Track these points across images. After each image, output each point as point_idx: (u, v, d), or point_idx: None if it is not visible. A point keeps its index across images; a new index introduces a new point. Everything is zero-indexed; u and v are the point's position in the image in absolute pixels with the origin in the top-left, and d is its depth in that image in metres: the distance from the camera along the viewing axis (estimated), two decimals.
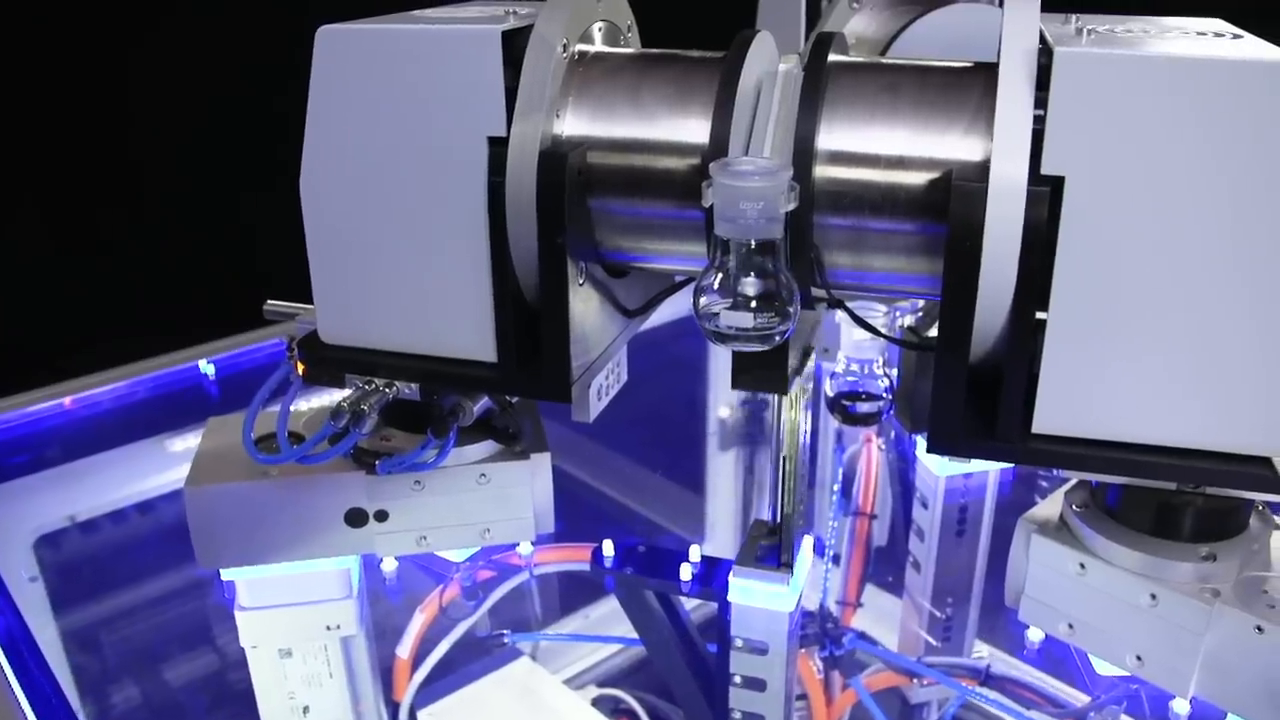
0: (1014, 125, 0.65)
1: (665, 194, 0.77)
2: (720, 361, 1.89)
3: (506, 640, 1.12)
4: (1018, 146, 0.65)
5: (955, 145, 0.70)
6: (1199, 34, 0.70)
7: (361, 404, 0.83)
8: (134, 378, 1.52)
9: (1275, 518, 0.82)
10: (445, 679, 1.32)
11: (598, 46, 0.82)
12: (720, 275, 0.69)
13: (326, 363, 0.84)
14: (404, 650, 1.13)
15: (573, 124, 0.77)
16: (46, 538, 1.40)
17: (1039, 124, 0.65)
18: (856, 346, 1.06)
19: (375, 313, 0.81)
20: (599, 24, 0.83)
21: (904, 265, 0.74)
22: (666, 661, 1.00)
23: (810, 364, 0.87)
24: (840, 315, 1.04)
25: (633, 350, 0.92)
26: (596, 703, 1.60)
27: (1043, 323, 0.68)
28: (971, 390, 0.70)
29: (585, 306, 0.80)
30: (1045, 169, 0.65)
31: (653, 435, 2.05)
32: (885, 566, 1.50)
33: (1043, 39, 0.67)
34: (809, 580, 0.99)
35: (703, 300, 0.70)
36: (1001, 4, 1.15)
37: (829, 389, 1.08)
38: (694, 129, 0.75)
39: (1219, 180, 0.63)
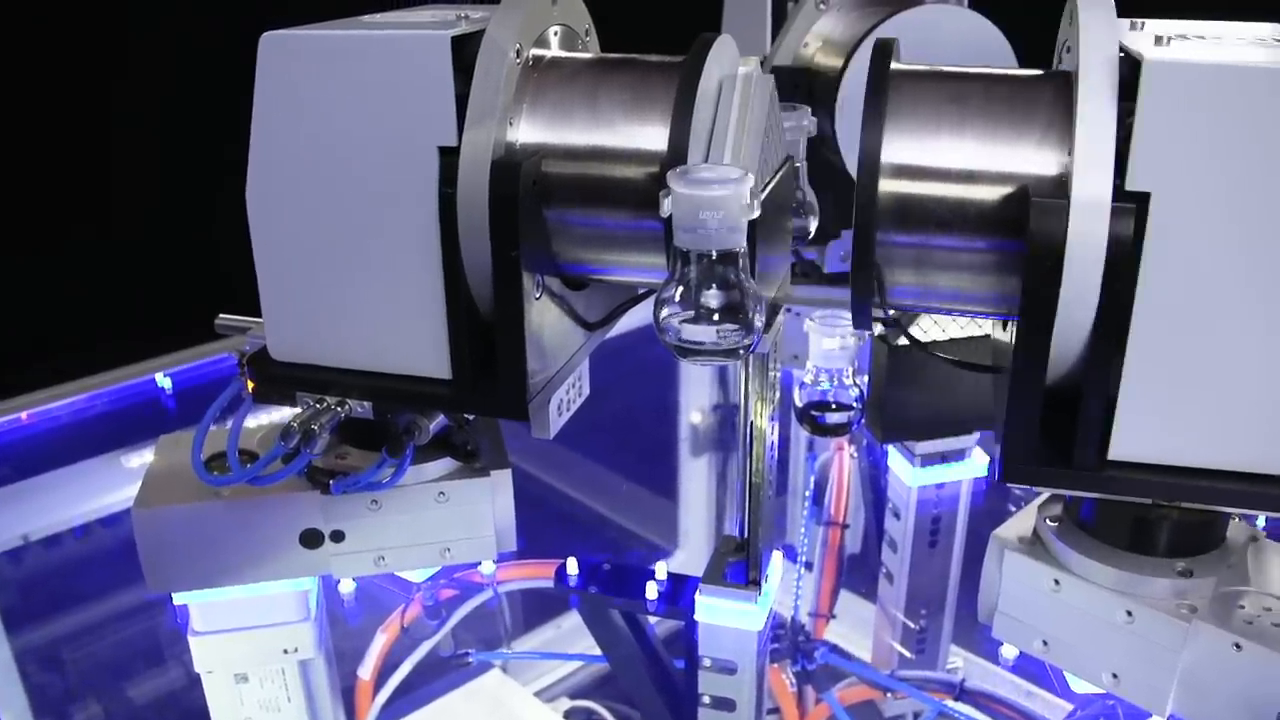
0: (1097, 138, 0.62)
1: (624, 203, 0.74)
2: (691, 367, 1.87)
3: (471, 660, 1.10)
4: (1101, 160, 0.62)
5: (1029, 159, 0.67)
6: (1275, 40, 0.68)
7: (312, 423, 0.80)
8: (90, 391, 1.49)
9: (1253, 529, 0.80)
10: (409, 697, 1.29)
11: (554, 51, 0.79)
12: (680, 287, 0.66)
13: (276, 381, 0.82)
14: (365, 671, 1.10)
15: (527, 131, 0.75)
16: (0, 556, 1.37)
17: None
18: (825, 355, 1.03)
19: (326, 329, 0.79)
20: (555, 28, 0.80)
21: (969, 283, 0.71)
22: (633, 681, 0.97)
23: (778, 323, 0.84)
24: (808, 324, 1.02)
25: (604, 356, 0.90)
26: (569, 715, 1.59)
27: (1121, 344, 0.65)
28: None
29: (542, 320, 0.77)
30: (1130, 184, 0.62)
31: (624, 442, 2.03)
32: (859, 576, 1.48)
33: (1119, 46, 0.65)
34: (781, 591, 0.97)
35: (663, 313, 0.67)
36: (970, 5, 1.13)
37: (798, 399, 1.06)
38: (653, 135, 0.73)
39: None
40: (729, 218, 0.64)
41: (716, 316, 0.66)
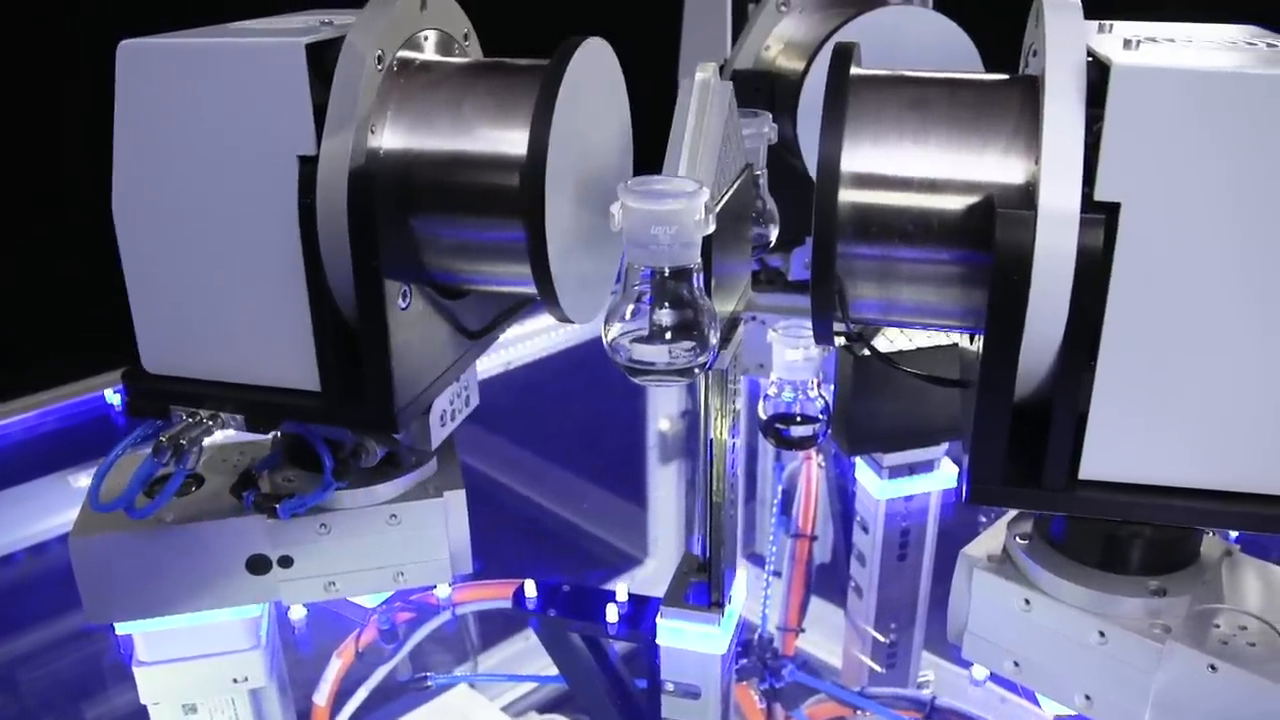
0: (1064, 146, 0.60)
1: (488, 210, 0.73)
2: None
3: (430, 683, 1.07)
4: (1069, 169, 0.59)
5: (994, 167, 0.64)
6: (1248, 44, 0.66)
7: (181, 439, 0.78)
8: (38, 409, 1.45)
9: (1227, 544, 0.78)
10: None
11: (427, 55, 0.78)
12: (631, 304, 0.63)
13: (149, 394, 0.80)
14: (321, 698, 1.07)
15: (391, 138, 0.73)
16: None
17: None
18: (789, 367, 1.00)
19: (196, 341, 0.78)
20: (428, 32, 0.78)
21: (934, 297, 0.68)
22: (594, 705, 0.95)
23: (738, 336, 0.82)
24: (771, 334, 0.99)
25: (571, 364, 0.88)
26: None
27: (1091, 360, 0.63)
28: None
29: (415, 330, 0.76)
30: (1100, 195, 0.60)
31: (593, 450, 2.01)
32: (828, 588, 1.46)
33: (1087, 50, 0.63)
34: (750, 599, 0.94)
35: (612, 331, 0.64)
36: (935, 6, 1.10)
37: (762, 411, 1.04)
38: (517, 140, 0.71)
39: None
40: (683, 233, 0.61)
41: (669, 335, 0.63)
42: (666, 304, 0.63)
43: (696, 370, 0.65)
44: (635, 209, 0.61)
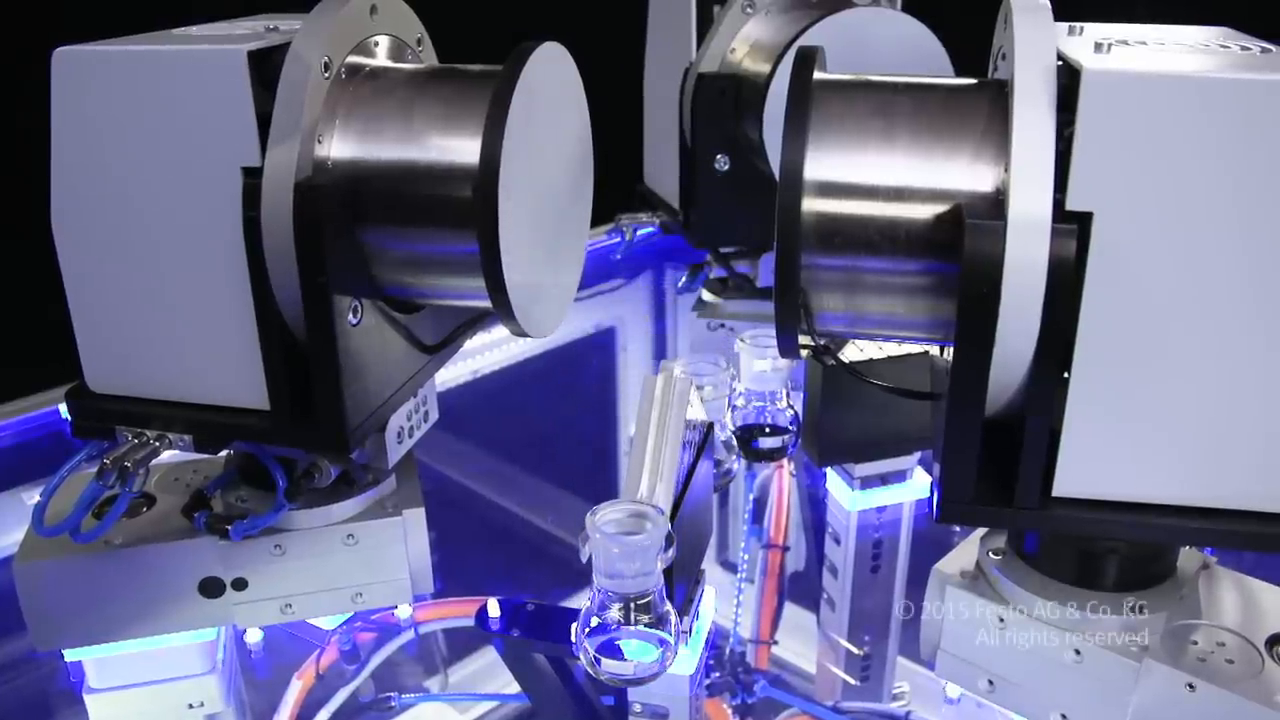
0: (1034, 153, 0.58)
1: (440, 222, 0.71)
2: (629, 378, 1.83)
3: (394, 704, 1.04)
4: (1039, 177, 0.57)
5: (962, 175, 0.63)
6: (1221, 47, 0.64)
7: (126, 461, 0.75)
8: None
9: (1205, 556, 0.76)
10: None
11: (378, 61, 0.76)
12: (598, 616, 0.69)
13: (94, 414, 0.78)
14: None
15: (340, 148, 0.71)
16: None
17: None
18: (758, 378, 0.98)
19: (141, 359, 0.75)
20: (379, 38, 0.76)
21: (902, 309, 0.67)
22: None
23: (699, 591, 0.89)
24: (739, 344, 0.97)
25: (542, 370, 0.86)
26: None
27: (1064, 373, 0.61)
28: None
29: (367, 346, 0.74)
30: (1071, 203, 0.58)
31: (562, 457, 1.98)
32: (802, 597, 1.43)
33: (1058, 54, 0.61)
34: (721, 611, 0.92)
35: (585, 641, 0.70)
36: (903, 7, 1.08)
37: (730, 422, 1.01)
38: (468, 150, 0.70)
39: (1269, 216, 0.57)
40: (645, 565, 0.66)
41: (634, 647, 0.69)
42: (630, 621, 0.68)
43: (650, 679, 0.71)
44: (601, 543, 0.66)
